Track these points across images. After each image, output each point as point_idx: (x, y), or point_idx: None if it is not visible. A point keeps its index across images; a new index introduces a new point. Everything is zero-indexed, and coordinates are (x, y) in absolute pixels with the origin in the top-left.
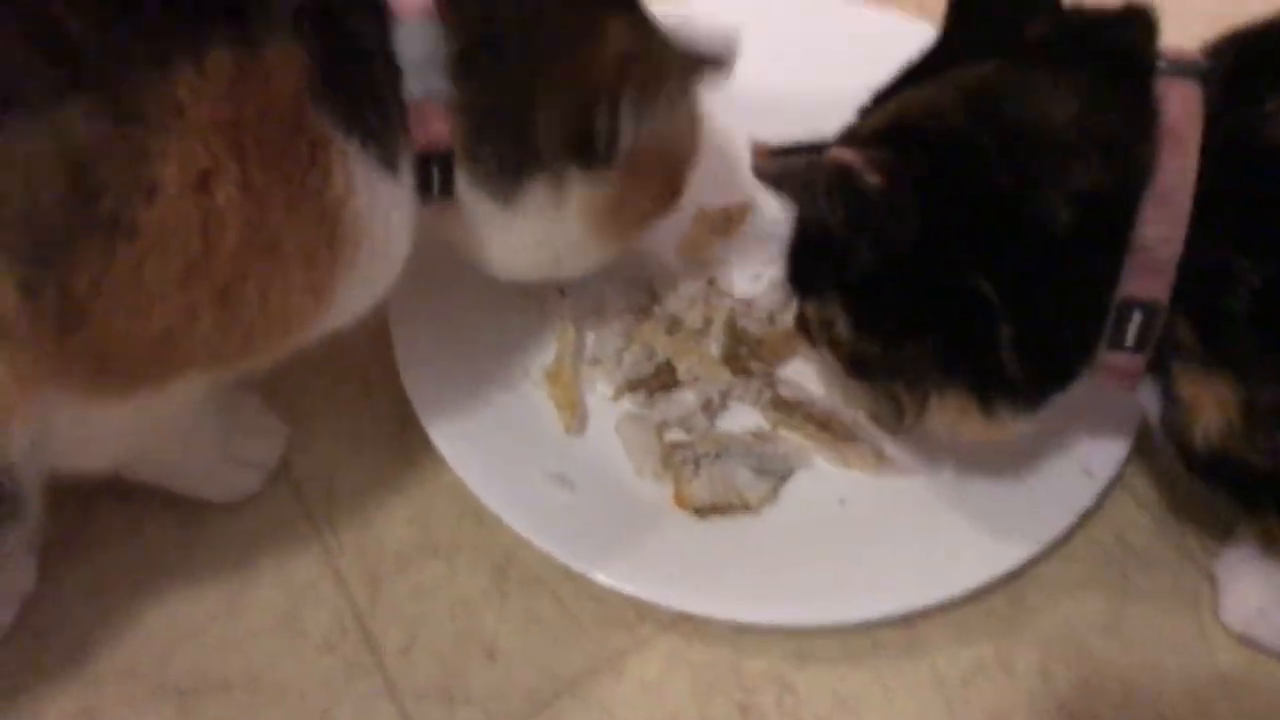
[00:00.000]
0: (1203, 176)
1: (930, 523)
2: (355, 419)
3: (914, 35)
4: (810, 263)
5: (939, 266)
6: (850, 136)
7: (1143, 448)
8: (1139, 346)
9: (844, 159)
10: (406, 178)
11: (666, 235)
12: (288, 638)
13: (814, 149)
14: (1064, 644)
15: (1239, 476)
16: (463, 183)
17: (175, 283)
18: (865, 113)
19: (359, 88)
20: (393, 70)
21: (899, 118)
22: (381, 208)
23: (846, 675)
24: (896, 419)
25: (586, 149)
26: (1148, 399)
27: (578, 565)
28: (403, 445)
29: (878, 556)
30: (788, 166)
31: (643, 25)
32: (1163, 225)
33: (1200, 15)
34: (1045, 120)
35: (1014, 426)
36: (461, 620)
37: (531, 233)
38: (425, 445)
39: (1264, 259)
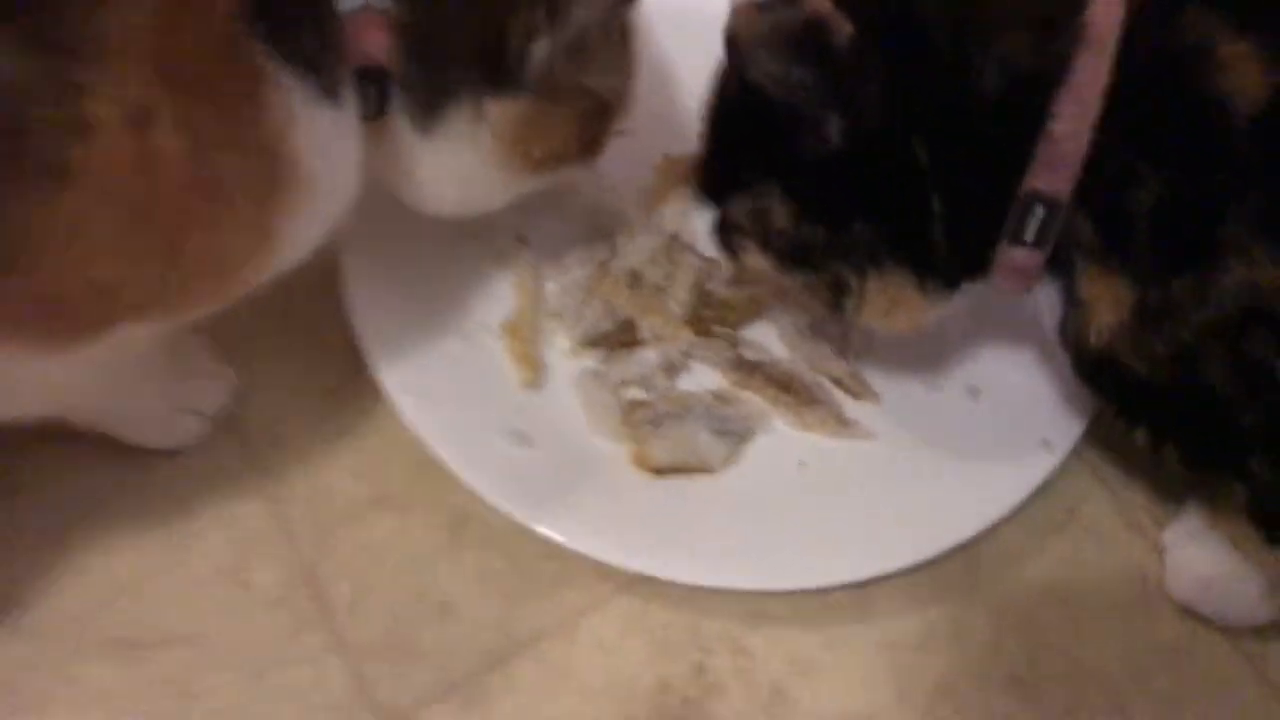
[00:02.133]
0: (1116, 81)
1: (887, 490)
2: (304, 365)
3: None
4: (743, 153)
5: (884, 136)
6: None
7: (1100, 421)
8: (1038, 243)
9: (820, 10)
10: (349, 104)
11: (627, 186)
12: (233, 590)
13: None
14: (1013, 613)
15: (1121, 382)
16: (394, 104)
17: (116, 229)
18: None
19: (301, 14)
20: None
21: None
22: (323, 138)
23: (800, 638)
24: (836, 304)
25: (499, 70)
26: (1045, 303)
27: (534, 524)
28: (354, 394)
29: (834, 522)
30: (753, 24)
31: None
32: (1072, 121)
33: None
34: None
35: (938, 309)
36: (413, 576)
37: (447, 162)
38: (377, 394)
39: (1165, 164)
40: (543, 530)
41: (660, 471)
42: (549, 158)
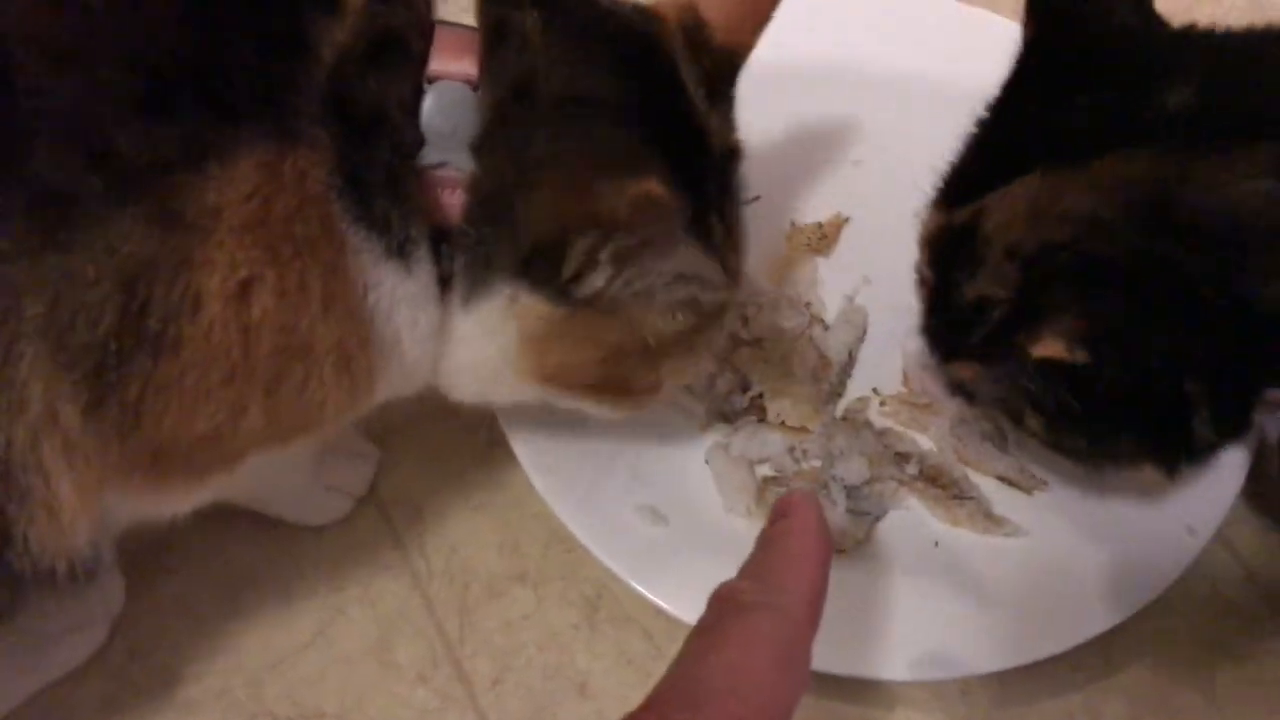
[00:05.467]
0: None
1: (1025, 575)
2: (442, 438)
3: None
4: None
5: (1145, 378)
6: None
7: (1243, 502)
8: None
9: (1053, 354)
10: (422, 266)
11: (760, 255)
12: (380, 668)
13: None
14: (1152, 699)
15: None
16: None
17: (215, 389)
18: (949, 202)
19: (378, 172)
20: (415, 139)
21: (1053, 244)
22: (398, 299)
23: None
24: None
25: (547, 275)
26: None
27: (666, 603)
28: (489, 467)
29: (971, 607)
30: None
31: (694, 191)
32: None
33: None
34: (1246, 208)
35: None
36: (552, 654)
37: (472, 345)
38: (513, 466)
39: None
40: (675, 611)
41: None
42: (564, 376)
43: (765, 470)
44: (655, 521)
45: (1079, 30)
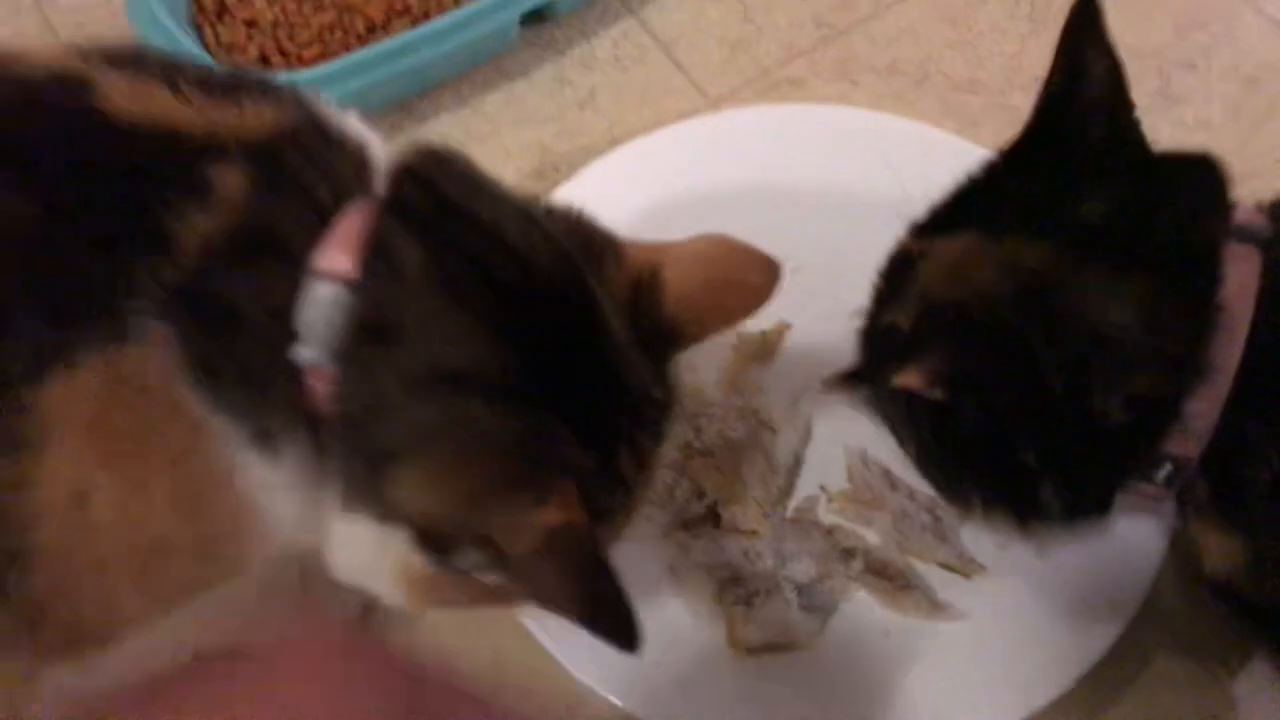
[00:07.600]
0: (1247, 350)
1: (970, 655)
2: None
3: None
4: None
5: (990, 436)
6: (905, 309)
7: (1167, 569)
8: (1167, 486)
9: (910, 385)
10: (291, 453)
11: (708, 368)
12: None
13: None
14: None
15: (1243, 606)
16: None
17: (81, 584)
18: (921, 233)
19: (232, 364)
20: (284, 336)
21: (951, 299)
22: (267, 487)
23: None
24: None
25: (423, 543)
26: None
27: (638, 712)
28: None
29: (922, 691)
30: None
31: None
32: (1205, 403)
33: None
34: (1103, 326)
35: (1050, 539)
36: None
37: (348, 546)
38: None
39: None
40: (632, 709)
41: (754, 651)
42: (441, 605)
43: (722, 574)
44: None
45: (1057, 128)
